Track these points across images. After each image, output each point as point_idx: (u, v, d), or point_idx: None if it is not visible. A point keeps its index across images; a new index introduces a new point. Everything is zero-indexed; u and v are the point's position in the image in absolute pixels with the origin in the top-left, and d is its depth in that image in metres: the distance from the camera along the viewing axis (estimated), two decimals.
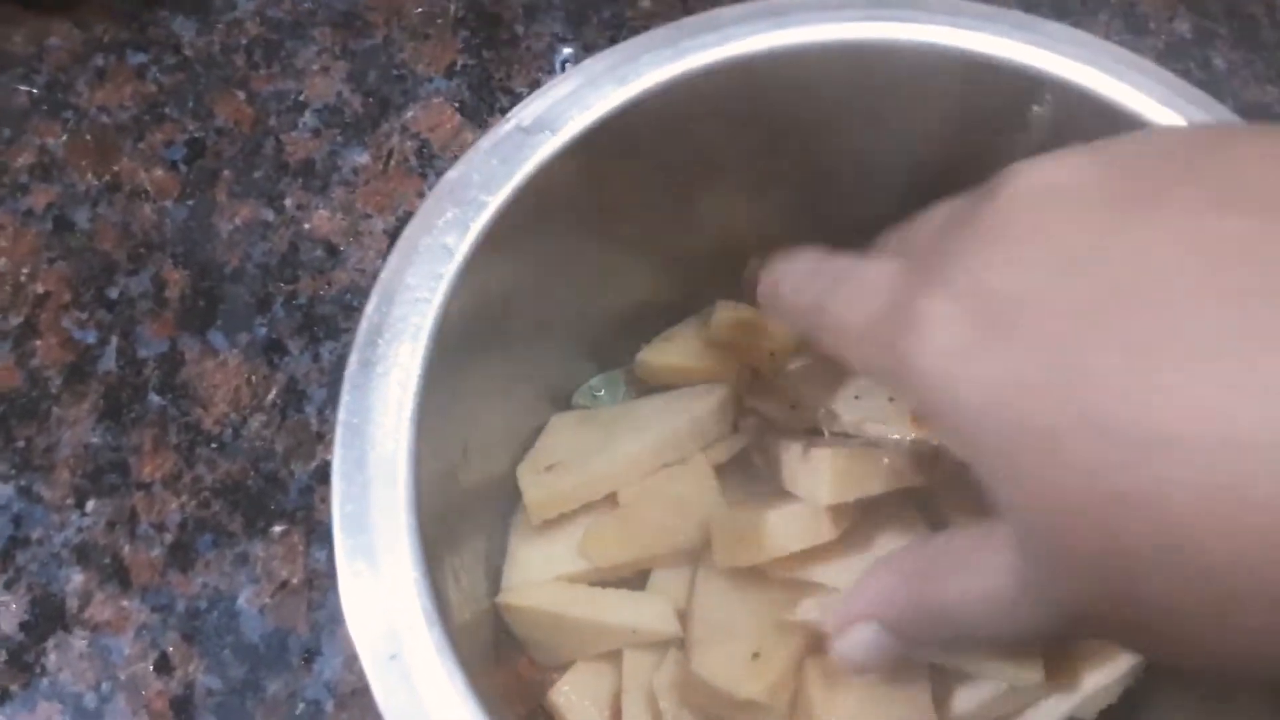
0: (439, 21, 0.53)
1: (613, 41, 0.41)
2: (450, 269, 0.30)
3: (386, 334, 0.29)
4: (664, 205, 0.37)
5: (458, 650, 0.25)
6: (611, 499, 0.36)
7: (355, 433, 0.28)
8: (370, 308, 0.30)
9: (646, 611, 0.35)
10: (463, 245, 0.30)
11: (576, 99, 0.33)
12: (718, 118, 0.34)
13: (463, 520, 0.33)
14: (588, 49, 0.53)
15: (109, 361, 0.45)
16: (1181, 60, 0.52)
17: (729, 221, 0.39)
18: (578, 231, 0.35)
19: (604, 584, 0.36)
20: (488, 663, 0.34)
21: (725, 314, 0.39)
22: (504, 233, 0.31)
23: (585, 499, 0.35)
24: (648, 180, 0.36)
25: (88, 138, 0.50)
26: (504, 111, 0.50)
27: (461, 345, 0.31)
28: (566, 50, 0.53)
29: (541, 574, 0.36)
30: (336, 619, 0.41)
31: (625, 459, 0.36)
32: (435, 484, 0.29)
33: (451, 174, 0.32)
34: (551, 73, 0.53)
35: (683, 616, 0.35)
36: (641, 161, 0.35)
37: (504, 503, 0.38)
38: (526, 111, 0.33)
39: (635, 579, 0.36)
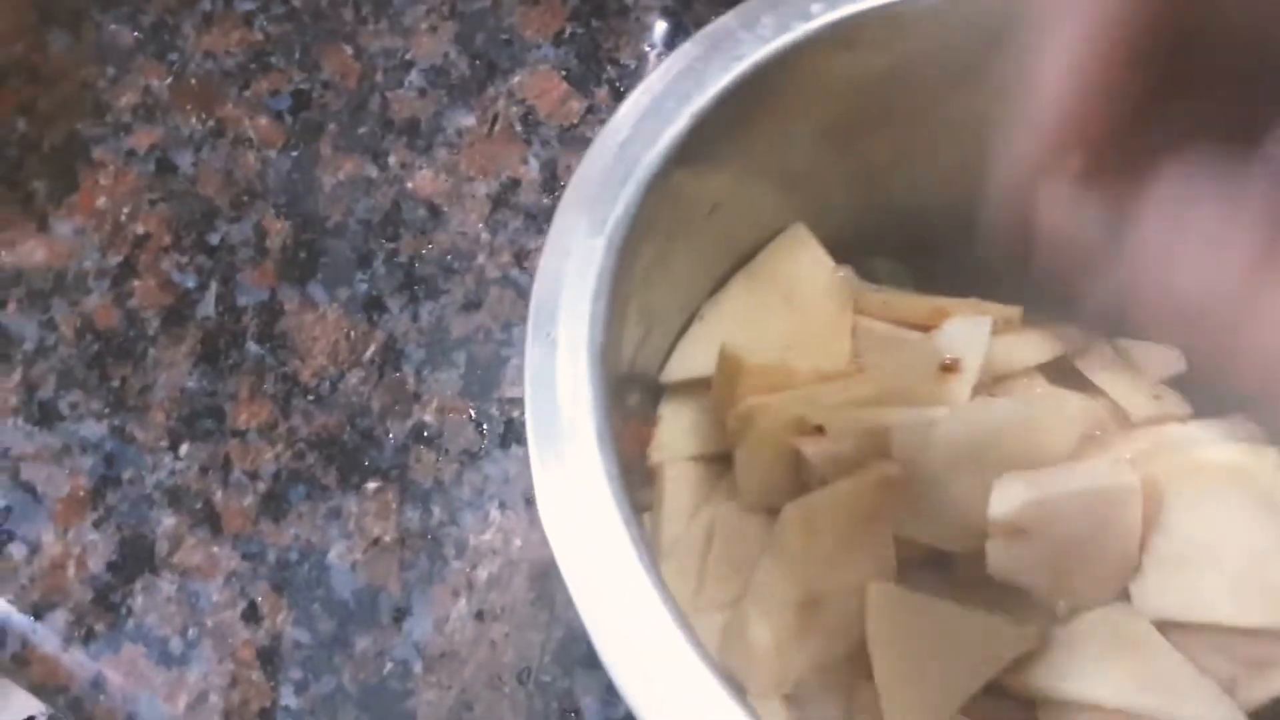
0: None
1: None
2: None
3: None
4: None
5: None
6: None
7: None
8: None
9: None
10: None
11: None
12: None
13: None
14: (696, 23, 0.52)
15: (208, 307, 0.45)
16: None
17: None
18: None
19: None
20: None
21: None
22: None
23: None
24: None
25: (192, 82, 0.50)
26: (611, 83, 0.50)
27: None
28: (664, 25, 0.52)
29: None
30: (429, 579, 0.41)
31: None
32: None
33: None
34: (656, 47, 0.52)
35: None
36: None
37: None
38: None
39: None
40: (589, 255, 0.30)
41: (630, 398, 0.40)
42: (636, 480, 0.41)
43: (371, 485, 0.42)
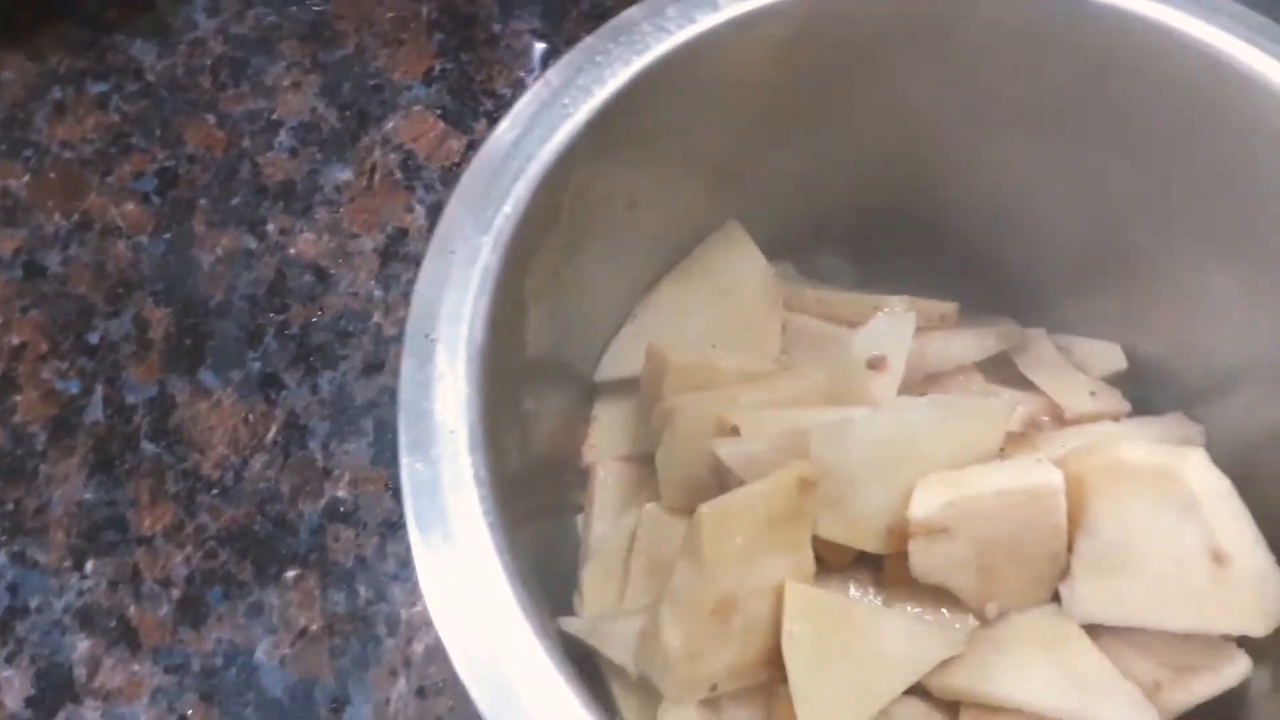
0: (411, 25, 0.51)
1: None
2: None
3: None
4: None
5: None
6: None
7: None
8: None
9: None
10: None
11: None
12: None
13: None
14: (569, 43, 0.50)
15: (95, 411, 0.43)
16: None
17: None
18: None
19: None
20: None
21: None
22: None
23: None
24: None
25: (52, 175, 0.47)
26: (489, 115, 0.48)
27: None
28: (541, 46, 0.51)
29: None
30: (363, 663, 0.39)
31: None
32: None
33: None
34: (533, 71, 0.50)
35: None
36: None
37: None
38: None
39: None
40: (473, 255, 0.29)
41: (560, 398, 0.39)
42: (571, 481, 0.40)
43: (291, 574, 0.40)
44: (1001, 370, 0.41)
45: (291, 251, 0.46)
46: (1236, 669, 0.33)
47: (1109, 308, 0.41)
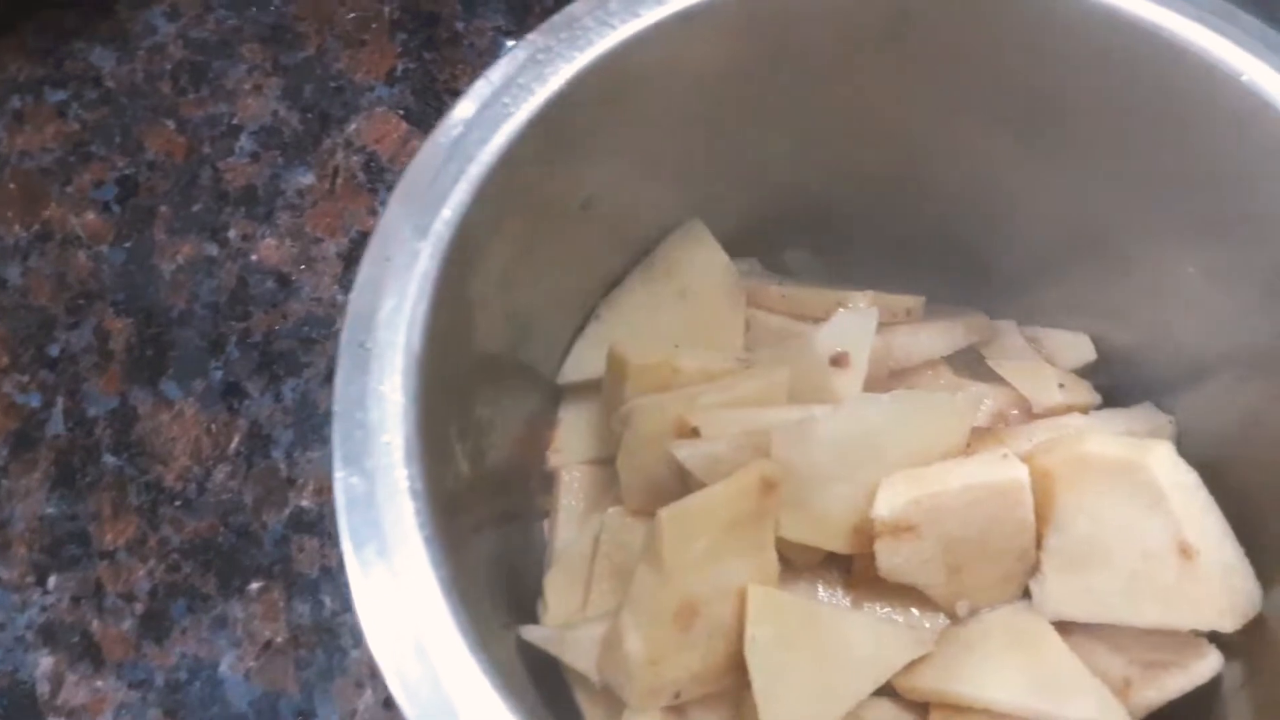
0: (374, 26, 0.50)
1: None
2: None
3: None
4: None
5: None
6: None
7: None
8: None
9: None
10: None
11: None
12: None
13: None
14: None
15: (56, 425, 0.42)
16: None
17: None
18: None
19: None
20: None
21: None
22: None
23: None
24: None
25: (11, 186, 0.47)
26: None
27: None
28: (511, 44, 0.50)
29: None
30: (328, 674, 0.38)
31: None
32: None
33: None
34: None
35: None
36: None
37: None
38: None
39: None
40: (410, 260, 0.28)
41: (527, 401, 0.38)
42: (537, 486, 0.39)
43: (255, 586, 0.40)
44: (971, 364, 0.40)
45: (253, 258, 0.45)
46: (1208, 665, 0.32)
47: (1080, 298, 0.40)
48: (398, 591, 0.23)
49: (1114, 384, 0.40)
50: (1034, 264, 0.41)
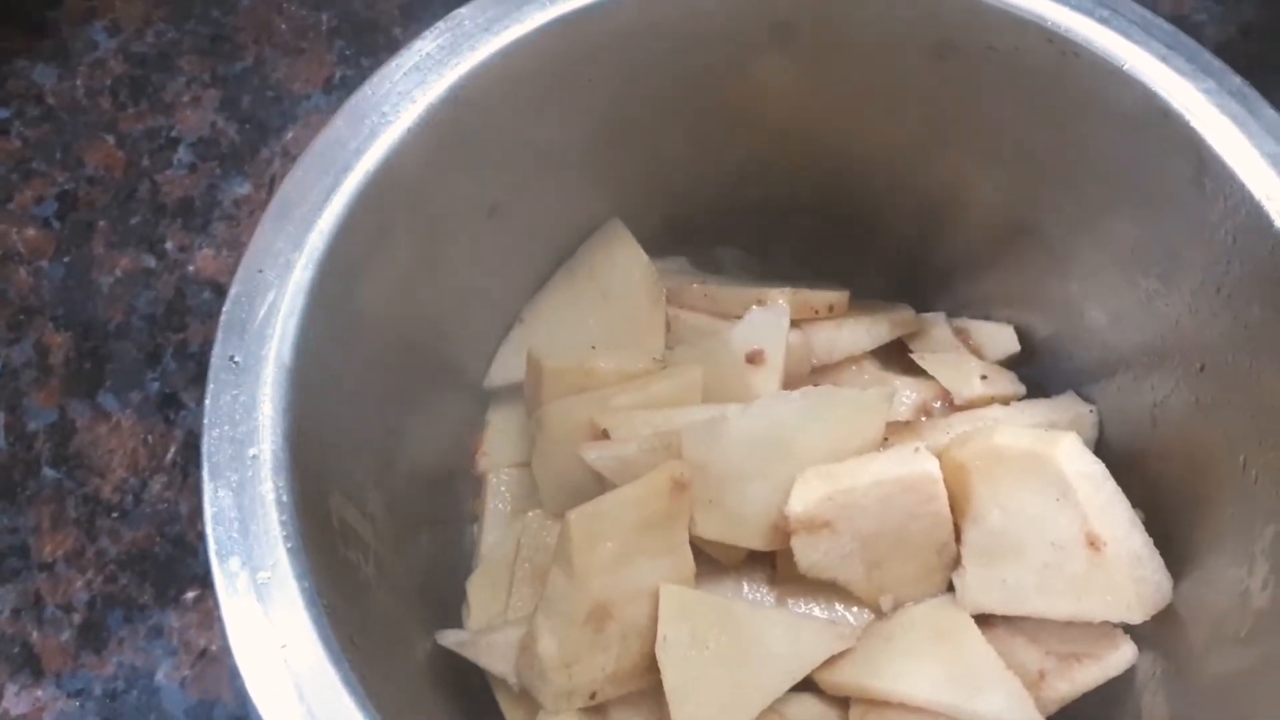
0: (311, 35, 0.50)
1: None
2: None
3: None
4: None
5: None
6: None
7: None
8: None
9: None
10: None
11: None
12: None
13: None
14: None
15: None
16: None
17: None
18: None
19: None
20: None
21: None
22: None
23: None
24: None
25: None
26: None
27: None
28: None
29: None
30: None
31: None
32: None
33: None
34: None
35: None
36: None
37: None
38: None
39: None
40: (283, 274, 0.28)
41: (454, 406, 0.38)
42: (465, 490, 0.39)
43: (190, 595, 0.40)
44: (899, 358, 0.40)
45: (190, 269, 0.45)
46: (1121, 657, 0.32)
47: (1005, 289, 0.40)
48: (261, 602, 0.23)
49: (1042, 375, 0.39)
50: (962, 256, 0.41)
